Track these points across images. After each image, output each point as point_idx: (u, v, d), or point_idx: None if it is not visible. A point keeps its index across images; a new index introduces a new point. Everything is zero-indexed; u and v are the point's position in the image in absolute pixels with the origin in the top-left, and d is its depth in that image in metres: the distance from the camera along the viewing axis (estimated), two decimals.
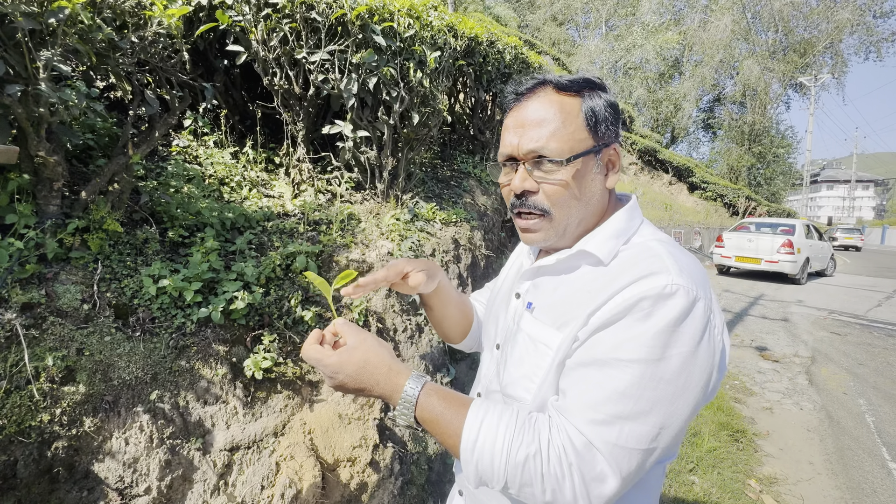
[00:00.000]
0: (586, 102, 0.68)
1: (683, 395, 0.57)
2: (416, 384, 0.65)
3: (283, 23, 2.30)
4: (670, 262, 0.61)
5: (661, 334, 0.56)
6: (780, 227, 10.22)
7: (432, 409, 0.63)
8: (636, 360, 0.56)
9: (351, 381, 0.66)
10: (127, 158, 1.75)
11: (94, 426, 1.39)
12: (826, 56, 25.43)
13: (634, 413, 0.56)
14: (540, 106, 0.68)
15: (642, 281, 0.59)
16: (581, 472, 0.55)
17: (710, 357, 0.59)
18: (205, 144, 2.84)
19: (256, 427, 1.69)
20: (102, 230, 1.71)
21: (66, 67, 1.42)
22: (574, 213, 0.70)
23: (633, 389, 0.56)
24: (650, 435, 0.56)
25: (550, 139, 0.66)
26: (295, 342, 1.93)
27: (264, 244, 2.24)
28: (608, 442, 0.56)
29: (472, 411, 0.62)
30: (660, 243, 0.67)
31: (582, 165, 0.68)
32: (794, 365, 4.78)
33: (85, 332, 1.47)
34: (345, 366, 0.66)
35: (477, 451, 0.59)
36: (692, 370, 0.57)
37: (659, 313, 0.57)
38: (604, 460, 0.55)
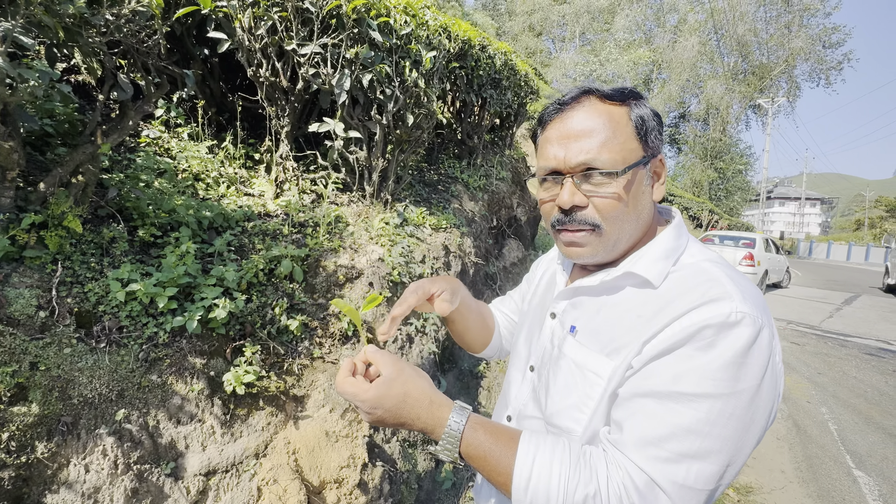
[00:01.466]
0: (634, 111, 0.65)
1: (751, 430, 0.53)
2: (461, 417, 0.60)
3: (273, 11, 2.16)
4: (731, 288, 0.57)
5: (729, 367, 0.52)
6: (742, 240, 10.71)
7: (479, 445, 0.59)
8: (703, 394, 0.52)
9: (390, 416, 0.61)
10: (94, 147, 1.57)
11: (48, 452, 1.21)
12: (781, 80, 27.15)
13: (702, 452, 0.52)
14: (587, 116, 0.64)
15: (703, 308, 0.55)
16: None
17: (775, 387, 0.56)
18: (178, 136, 2.64)
19: (236, 448, 1.54)
20: (62, 227, 1.52)
21: (28, 40, 1.25)
22: (626, 228, 0.66)
23: (700, 426, 0.52)
24: (718, 474, 0.52)
25: (602, 150, 0.63)
26: (279, 353, 1.79)
27: (245, 246, 2.08)
28: (674, 482, 0.52)
29: (522, 447, 0.58)
30: (714, 265, 0.62)
31: (634, 177, 0.64)
32: None
33: (40, 343, 1.29)
34: (383, 400, 0.61)
35: (531, 490, 0.55)
36: (759, 403, 0.53)
37: (724, 344, 0.53)
38: (667, 500, 0.51)
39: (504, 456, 0.58)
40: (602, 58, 27.32)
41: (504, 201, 4.20)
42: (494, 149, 4.66)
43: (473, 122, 3.92)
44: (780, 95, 26.56)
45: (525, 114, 4.84)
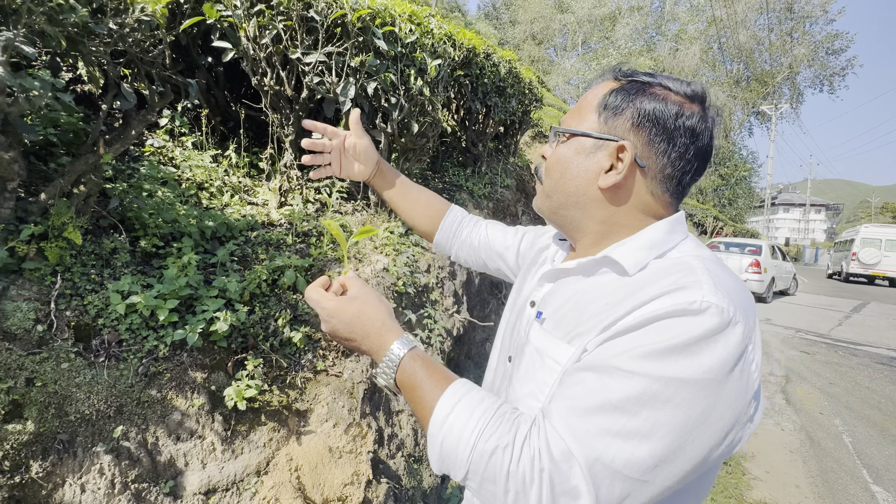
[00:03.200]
0: (618, 92, 0.63)
1: (699, 429, 0.46)
2: (404, 346, 0.61)
3: (278, 20, 2.15)
4: (705, 278, 0.51)
5: (678, 350, 0.47)
6: (748, 247, 10.63)
7: (414, 375, 0.59)
8: (639, 372, 0.47)
9: (342, 329, 0.64)
10: (97, 157, 1.55)
11: (42, 471, 1.17)
12: (785, 87, 27.15)
13: (628, 432, 0.46)
14: (592, 90, 0.68)
15: (669, 295, 0.50)
16: (552, 481, 0.47)
17: (742, 395, 0.48)
18: (182, 145, 2.63)
19: (237, 465, 1.50)
20: (63, 238, 1.50)
21: (30, 49, 1.23)
22: (552, 189, 0.68)
23: (629, 405, 0.47)
24: (643, 463, 0.46)
25: (569, 115, 0.67)
26: (282, 366, 1.75)
27: (248, 256, 2.05)
28: (590, 457, 0.46)
29: (452, 386, 0.57)
30: (699, 259, 0.56)
31: (571, 146, 0.65)
32: (770, 384, 4.88)
33: (37, 358, 1.25)
34: (340, 312, 0.64)
35: (446, 427, 0.53)
36: (714, 403, 0.47)
37: (679, 328, 0.48)
38: (581, 475, 0.46)
39: (433, 390, 0.57)
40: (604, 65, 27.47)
41: (509, 209, 4.17)
42: (499, 156, 4.64)
43: (478, 129, 3.90)
44: (783, 102, 26.54)
45: (529, 121, 4.83)
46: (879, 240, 14.76)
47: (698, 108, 0.62)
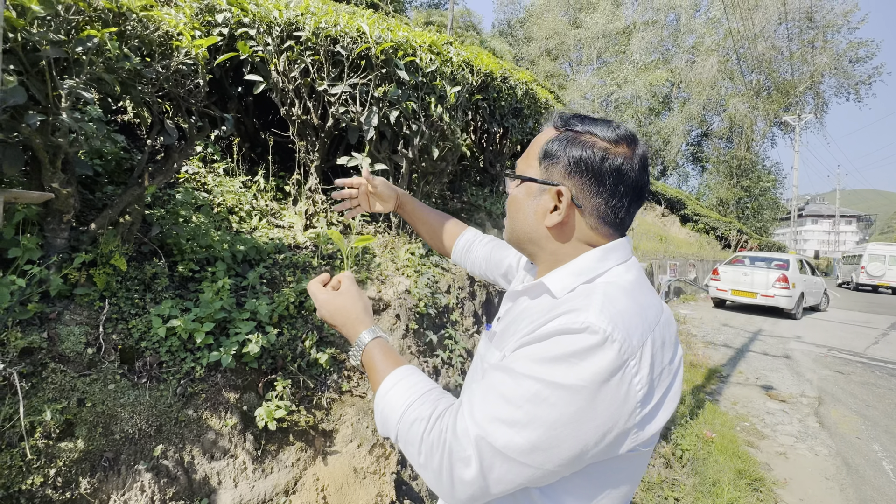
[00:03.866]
0: (555, 141, 0.71)
1: (570, 426, 0.56)
2: (371, 334, 0.77)
3: (306, 55, 2.27)
4: (596, 301, 0.61)
5: (559, 360, 0.57)
6: (774, 261, 10.32)
7: (373, 357, 0.75)
8: (527, 374, 0.58)
9: (328, 316, 0.81)
10: (142, 189, 1.67)
11: (90, 487, 1.25)
12: (808, 96, 26.59)
13: (511, 420, 0.57)
14: (539, 134, 0.76)
15: (564, 315, 0.61)
16: (451, 450, 0.59)
17: (618, 403, 0.57)
18: (214, 172, 2.77)
19: (266, 485, 1.54)
20: (109, 264, 1.60)
21: (89, 96, 1.35)
22: (511, 225, 0.78)
23: (517, 398, 0.58)
24: (521, 447, 0.57)
25: (521, 160, 0.77)
26: (309, 387, 1.80)
27: (276, 279, 2.14)
28: (479, 435, 0.58)
29: (398, 369, 0.71)
30: (606, 285, 0.66)
31: (522, 189, 0.75)
32: (802, 406, 4.69)
33: (88, 379, 1.34)
34: (329, 303, 0.81)
35: (385, 399, 0.68)
36: (586, 406, 0.56)
37: (563, 342, 0.58)
38: (473, 447, 0.58)
39: (384, 370, 0.72)
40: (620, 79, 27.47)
41: None
42: None
43: (495, 150, 3.97)
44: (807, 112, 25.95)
45: None
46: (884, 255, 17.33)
47: (624, 149, 0.69)
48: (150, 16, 1.51)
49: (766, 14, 24.94)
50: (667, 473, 3.00)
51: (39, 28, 1.24)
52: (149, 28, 1.51)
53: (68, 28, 1.31)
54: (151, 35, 1.51)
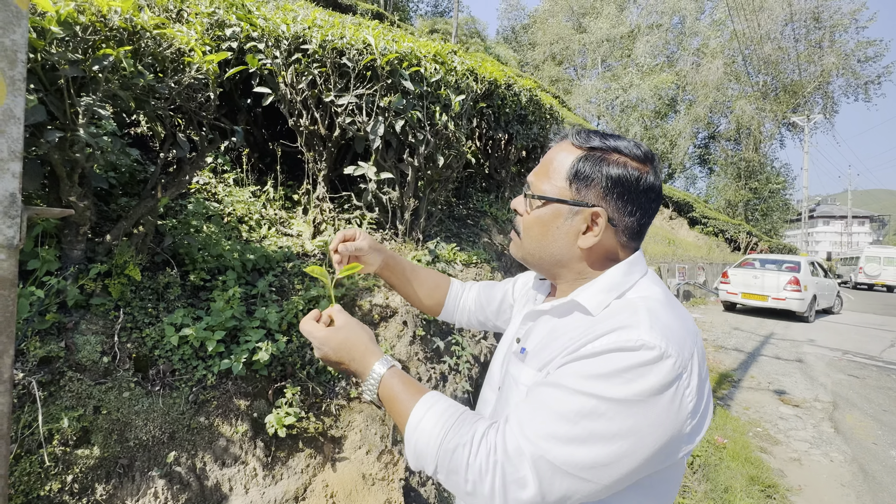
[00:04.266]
0: (584, 160, 0.71)
1: (628, 441, 0.56)
2: (384, 365, 0.72)
3: (313, 67, 2.32)
4: (644, 318, 0.62)
5: (615, 376, 0.57)
6: (785, 263, 10.19)
7: (392, 388, 0.70)
8: (583, 391, 0.58)
9: (332, 354, 0.75)
10: (155, 201, 1.71)
11: (106, 494, 1.27)
12: (817, 96, 26.34)
13: (569, 437, 0.57)
14: (552, 151, 0.76)
15: (613, 333, 0.61)
16: (504, 472, 0.57)
17: (673, 416, 0.58)
18: (224, 182, 2.83)
19: (277, 491, 1.56)
20: (124, 275, 1.64)
21: (105, 112, 1.40)
22: (534, 247, 0.76)
23: (572, 415, 0.57)
24: (582, 463, 0.56)
25: (538, 177, 0.75)
26: (318, 394, 1.82)
27: (285, 287, 2.17)
28: (536, 454, 0.57)
29: (424, 396, 0.67)
30: (644, 300, 0.67)
31: (549, 210, 0.73)
32: (816, 410, 4.62)
33: (103, 387, 1.37)
34: (330, 340, 0.75)
35: (418, 431, 0.64)
36: (644, 420, 0.56)
37: (619, 359, 0.58)
38: (529, 468, 0.56)
39: (408, 400, 0.68)
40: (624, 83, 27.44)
41: None
42: (521, 180, 4.71)
43: (500, 156, 4.00)
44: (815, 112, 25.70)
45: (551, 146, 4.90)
46: (879, 257, 19.51)
47: (650, 167, 0.71)
48: (163, 33, 1.56)
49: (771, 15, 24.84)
50: None
51: (58, 48, 1.29)
52: (162, 45, 1.56)
53: (85, 47, 1.36)
54: (164, 52, 1.56)
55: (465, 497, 0.60)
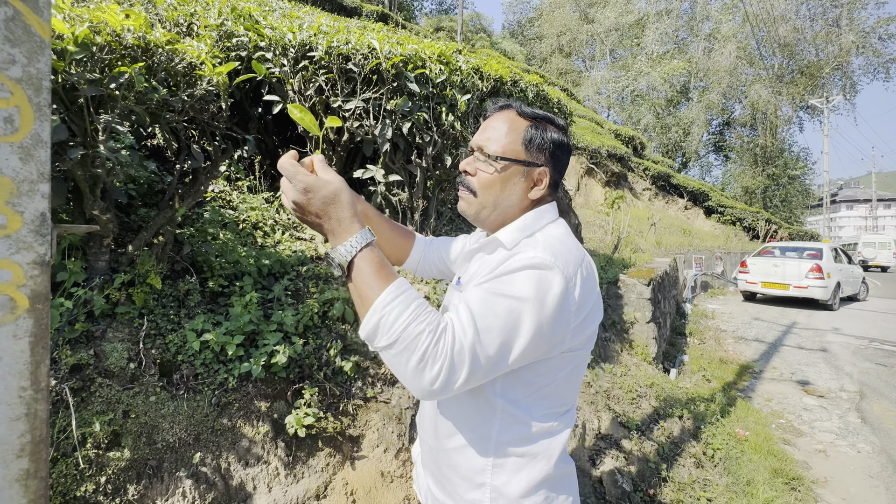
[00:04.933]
0: (532, 128, 0.88)
1: (533, 327, 0.73)
2: (365, 238, 0.73)
3: (320, 73, 2.36)
4: (540, 245, 0.80)
5: (523, 283, 0.74)
6: (807, 251, 9.94)
7: (371, 262, 0.72)
8: (503, 294, 0.74)
9: (316, 205, 0.72)
10: (173, 212, 1.77)
11: (137, 494, 1.33)
12: (835, 77, 25.50)
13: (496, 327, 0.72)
14: (498, 119, 0.90)
15: (521, 254, 0.78)
16: (452, 361, 0.69)
17: (562, 309, 0.76)
18: (238, 189, 2.89)
19: (298, 489, 1.61)
20: (146, 283, 1.71)
21: (123, 128, 1.45)
22: (490, 201, 0.89)
23: (499, 311, 0.73)
24: (504, 348, 0.73)
25: (491, 141, 0.88)
26: (335, 394, 1.87)
27: (300, 290, 2.22)
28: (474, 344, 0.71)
29: (399, 280, 0.74)
30: (544, 235, 0.86)
31: (508, 169, 0.87)
32: (842, 401, 4.51)
33: (131, 392, 1.43)
34: (318, 189, 0.71)
35: (388, 308, 0.70)
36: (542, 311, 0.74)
37: (524, 271, 0.75)
38: (469, 355, 0.70)
39: (383, 278, 0.72)
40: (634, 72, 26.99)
41: None
42: None
43: None
44: (834, 94, 24.89)
45: None
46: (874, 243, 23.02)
47: (567, 134, 0.93)
48: (175, 49, 1.61)
49: None
50: (698, 473, 2.93)
51: (77, 68, 1.35)
52: (174, 60, 1.61)
53: (102, 66, 1.42)
54: (176, 67, 1.61)
55: (405, 372, 0.70)
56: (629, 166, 16.02)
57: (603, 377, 3.56)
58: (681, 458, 3.03)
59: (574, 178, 13.07)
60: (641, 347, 4.57)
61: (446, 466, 0.88)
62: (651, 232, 10.67)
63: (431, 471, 0.95)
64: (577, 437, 2.70)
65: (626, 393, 3.53)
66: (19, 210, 0.66)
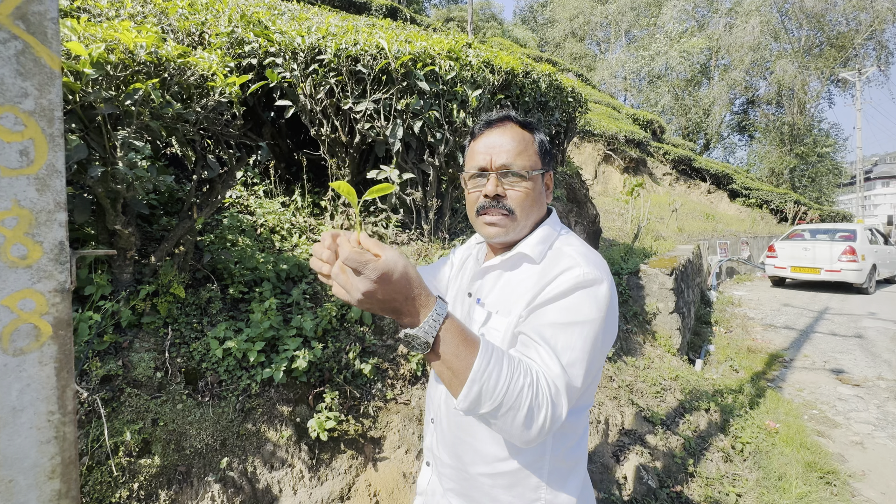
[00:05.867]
0: (537, 136, 0.92)
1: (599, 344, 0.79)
2: (444, 307, 0.68)
3: (330, 76, 2.36)
4: (580, 259, 0.83)
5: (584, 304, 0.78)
6: (839, 232, 9.53)
7: (456, 331, 0.68)
8: (571, 322, 0.77)
9: (390, 291, 0.62)
10: (192, 222, 1.81)
11: (168, 499, 1.37)
12: (868, 48, 24.16)
13: (578, 360, 0.75)
14: (507, 132, 0.89)
15: (566, 272, 0.80)
16: (553, 404, 0.71)
17: (615, 316, 0.84)
18: (255, 194, 2.93)
19: (323, 491, 1.64)
20: (170, 293, 1.75)
21: (140, 143, 1.48)
22: (530, 216, 0.90)
23: (573, 342, 0.76)
24: (586, 377, 0.77)
25: (517, 158, 0.87)
26: (356, 397, 1.89)
27: (318, 294, 2.24)
28: (568, 384, 0.73)
29: (483, 344, 0.71)
30: (570, 247, 0.88)
31: (536, 181, 0.90)
32: (880, 390, 4.33)
33: (159, 401, 1.48)
34: (393, 273, 0.61)
35: (486, 375, 0.68)
36: (607, 327, 0.81)
37: (583, 291, 0.78)
38: (563, 395, 0.72)
39: (471, 347, 0.69)
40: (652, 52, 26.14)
41: (561, 221, 4.13)
42: None
43: None
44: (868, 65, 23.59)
45: (575, 128, 4.77)
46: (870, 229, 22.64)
47: None
48: (186, 62, 1.63)
49: None
50: (727, 468, 2.87)
51: (93, 88, 1.38)
52: (185, 73, 1.63)
53: (117, 84, 1.45)
54: (188, 80, 1.63)
55: (511, 428, 0.70)
56: (648, 151, 15.61)
57: (625, 370, 3.50)
58: (708, 452, 2.96)
59: (591, 166, 12.82)
60: (665, 339, 4.47)
61: (491, 488, 0.87)
62: (672, 218, 10.39)
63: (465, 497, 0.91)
64: (600, 433, 2.67)
65: (650, 386, 3.47)
66: (39, 240, 0.68)
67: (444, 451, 0.94)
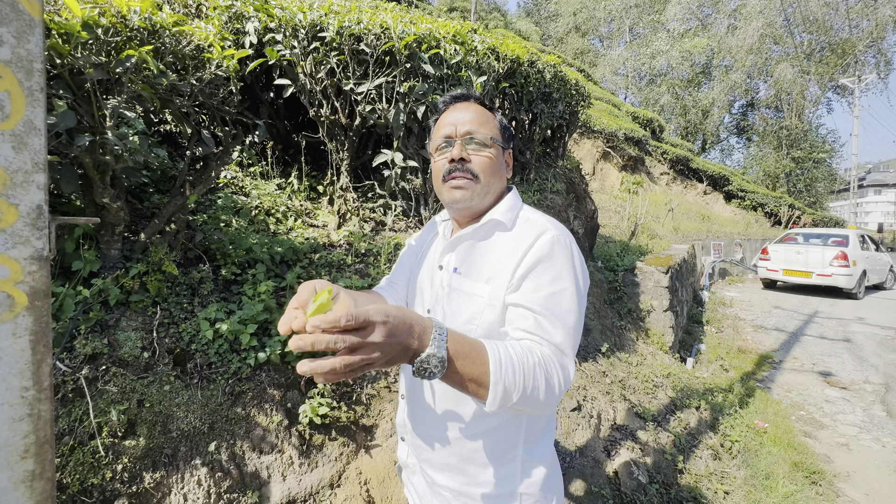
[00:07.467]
0: (497, 115, 0.99)
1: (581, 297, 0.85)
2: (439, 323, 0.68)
3: (331, 55, 2.28)
4: (548, 224, 0.88)
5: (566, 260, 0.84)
6: (832, 237, 9.61)
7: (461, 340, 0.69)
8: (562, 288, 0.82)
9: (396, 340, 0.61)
10: (184, 199, 1.74)
11: (153, 482, 1.34)
12: (868, 55, 24.23)
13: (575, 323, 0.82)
14: (470, 108, 0.95)
15: (543, 236, 0.85)
16: (562, 365, 0.77)
17: (585, 266, 0.89)
18: (251, 175, 2.86)
19: (313, 478, 1.61)
20: (160, 272, 1.69)
21: (131, 113, 1.42)
22: (492, 182, 0.93)
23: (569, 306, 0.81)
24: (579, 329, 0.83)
25: (479, 127, 0.92)
26: (349, 384, 1.85)
27: (313, 278, 2.19)
28: (573, 347, 0.81)
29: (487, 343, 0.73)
30: (535, 213, 0.94)
31: (497, 152, 0.94)
32: (866, 393, 4.38)
33: (145, 381, 1.43)
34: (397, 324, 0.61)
35: (503, 372, 0.70)
36: (583, 273, 0.88)
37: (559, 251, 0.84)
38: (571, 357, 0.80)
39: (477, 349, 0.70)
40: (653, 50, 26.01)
41: (560, 215, 4.10)
42: (547, 160, 4.57)
43: (525, 137, 3.88)
44: (867, 72, 23.68)
45: (577, 122, 4.72)
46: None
47: None
48: (182, 31, 1.56)
49: None
50: (715, 465, 2.88)
51: (83, 52, 1.31)
52: (181, 43, 1.56)
53: (108, 49, 1.37)
54: (184, 49, 1.55)
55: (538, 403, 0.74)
56: (647, 150, 15.60)
57: (618, 366, 3.50)
58: (698, 449, 2.98)
59: (590, 162, 12.79)
60: (658, 336, 4.48)
61: (471, 452, 0.91)
62: (669, 217, 10.42)
63: (442, 466, 0.94)
64: (592, 428, 2.67)
65: (642, 383, 3.47)
66: (14, 202, 0.62)
67: (420, 424, 0.98)
